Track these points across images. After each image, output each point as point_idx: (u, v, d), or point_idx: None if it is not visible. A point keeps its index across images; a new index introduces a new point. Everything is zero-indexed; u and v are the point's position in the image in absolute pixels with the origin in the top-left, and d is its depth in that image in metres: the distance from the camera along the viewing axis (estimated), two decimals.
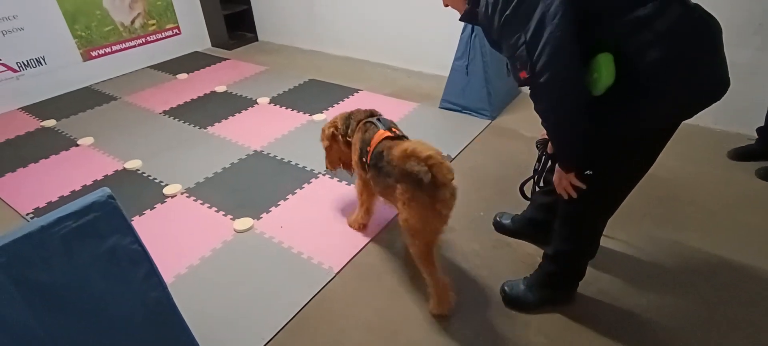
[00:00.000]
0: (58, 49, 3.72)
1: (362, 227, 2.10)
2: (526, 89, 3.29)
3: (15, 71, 3.52)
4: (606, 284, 1.76)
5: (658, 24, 1.08)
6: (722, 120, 2.71)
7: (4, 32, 3.39)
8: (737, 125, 2.68)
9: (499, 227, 2.05)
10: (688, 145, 2.58)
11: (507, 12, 1.15)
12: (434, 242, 1.60)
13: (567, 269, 1.59)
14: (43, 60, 3.66)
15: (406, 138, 1.77)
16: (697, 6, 1.12)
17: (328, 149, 2.02)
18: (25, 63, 3.56)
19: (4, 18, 3.37)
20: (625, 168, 1.33)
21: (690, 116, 1.21)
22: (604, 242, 1.93)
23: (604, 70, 1.13)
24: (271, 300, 1.77)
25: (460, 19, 1.43)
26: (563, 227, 1.52)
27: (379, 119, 1.84)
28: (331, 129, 1.97)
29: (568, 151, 1.30)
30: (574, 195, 1.36)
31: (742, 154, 2.45)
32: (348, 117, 1.94)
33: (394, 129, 1.78)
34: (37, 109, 3.53)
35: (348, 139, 1.91)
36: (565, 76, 1.13)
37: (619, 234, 1.98)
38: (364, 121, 1.87)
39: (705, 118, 2.74)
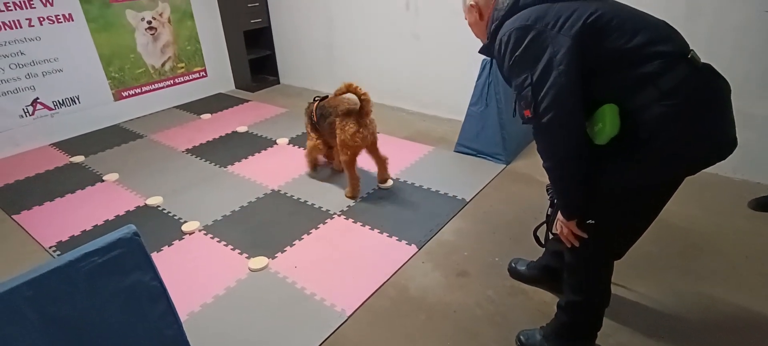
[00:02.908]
0: (92, 89, 3.93)
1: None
2: None
3: (50, 109, 3.72)
4: (626, 337, 1.71)
5: (663, 81, 1.11)
6: (742, 170, 2.68)
7: (45, 73, 3.61)
8: (758, 175, 2.64)
9: (515, 273, 2.03)
10: (708, 195, 2.54)
11: (517, 53, 1.20)
12: (357, 153, 2.57)
13: (581, 319, 1.56)
14: (78, 99, 3.86)
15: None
16: (706, 66, 1.15)
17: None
18: (61, 102, 3.76)
19: (46, 60, 3.59)
20: (627, 219, 1.33)
21: (693, 173, 1.21)
22: (623, 292, 1.90)
23: (609, 121, 1.15)
24: (282, 342, 1.76)
25: (479, 51, 1.49)
26: (570, 277, 1.51)
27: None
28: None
29: (566, 197, 1.31)
30: (576, 243, 1.35)
31: (763, 205, 2.39)
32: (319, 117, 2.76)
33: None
34: (67, 146, 3.69)
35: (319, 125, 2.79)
36: (565, 120, 1.16)
37: (638, 285, 1.94)
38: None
39: (725, 168, 2.70)
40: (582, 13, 1.15)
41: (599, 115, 1.17)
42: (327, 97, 2.76)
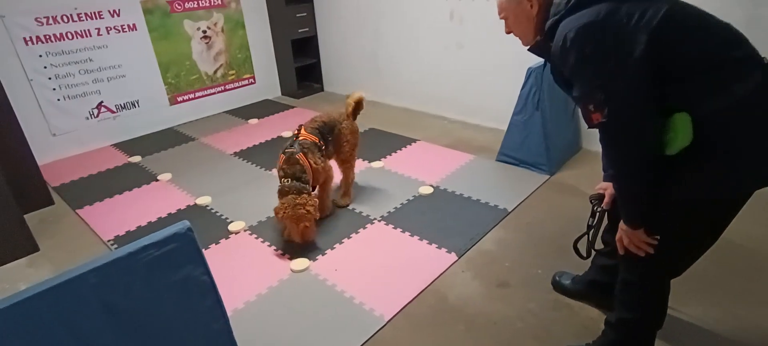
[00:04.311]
0: (150, 94, 4.18)
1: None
2: (586, 145, 3.21)
3: (113, 112, 3.99)
4: None
5: (737, 88, 1.04)
6: None
7: (109, 79, 3.88)
8: None
9: (559, 287, 1.96)
10: None
11: (585, 51, 1.11)
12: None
13: (631, 338, 1.48)
14: (137, 103, 4.12)
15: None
16: None
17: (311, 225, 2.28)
18: (122, 105, 4.03)
19: (111, 66, 3.87)
20: (692, 235, 1.25)
21: (766, 185, 1.13)
22: (677, 314, 1.79)
23: (681, 131, 1.08)
24: (321, 343, 1.79)
25: (529, 50, 1.40)
26: (624, 293, 1.43)
27: (291, 146, 2.38)
28: (306, 208, 2.20)
29: (635, 205, 1.23)
30: (642, 254, 1.28)
31: None
32: (299, 187, 2.25)
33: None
34: (126, 146, 3.94)
35: (307, 180, 2.32)
36: (641, 124, 1.10)
37: (694, 306, 1.82)
38: (290, 155, 2.33)
39: None
40: (657, 11, 1.07)
41: (670, 124, 1.10)
42: (297, 137, 2.45)
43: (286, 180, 2.27)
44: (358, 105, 2.70)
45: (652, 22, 1.06)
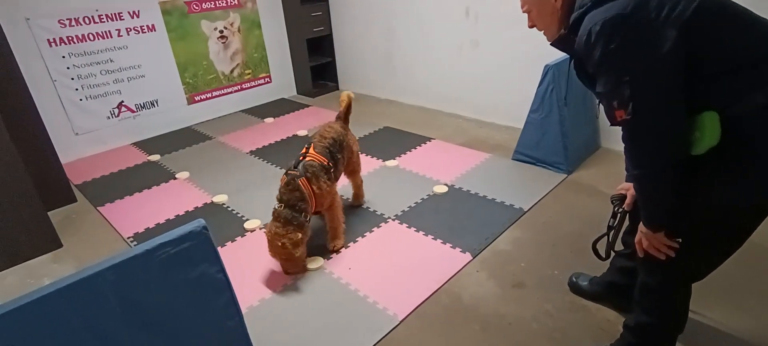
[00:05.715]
0: (169, 93, 4.26)
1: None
2: (605, 143, 3.15)
3: (133, 112, 4.07)
4: None
5: None
6: None
7: (129, 79, 3.97)
8: None
9: (575, 288, 1.93)
10: None
11: (612, 46, 1.06)
12: None
13: (650, 343, 1.44)
14: (157, 103, 4.20)
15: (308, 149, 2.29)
16: None
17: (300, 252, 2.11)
18: (142, 105, 4.11)
19: (131, 66, 3.95)
20: (717, 240, 1.20)
21: None
22: (699, 318, 1.75)
23: (709, 130, 1.04)
24: (335, 341, 1.80)
25: (551, 44, 1.36)
26: (643, 297, 1.39)
27: (295, 167, 2.18)
28: (282, 241, 2.02)
29: (657, 207, 1.19)
30: (662, 257, 1.24)
31: None
32: (288, 217, 2.05)
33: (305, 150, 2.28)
34: (146, 145, 4.02)
35: (303, 209, 2.10)
36: (667, 123, 1.06)
37: (717, 311, 1.77)
38: (292, 179, 2.11)
39: None
40: (690, 3, 1.02)
41: (697, 122, 1.06)
42: (302, 160, 2.21)
43: (280, 206, 2.10)
44: (349, 106, 2.56)
45: (684, 15, 1.02)
